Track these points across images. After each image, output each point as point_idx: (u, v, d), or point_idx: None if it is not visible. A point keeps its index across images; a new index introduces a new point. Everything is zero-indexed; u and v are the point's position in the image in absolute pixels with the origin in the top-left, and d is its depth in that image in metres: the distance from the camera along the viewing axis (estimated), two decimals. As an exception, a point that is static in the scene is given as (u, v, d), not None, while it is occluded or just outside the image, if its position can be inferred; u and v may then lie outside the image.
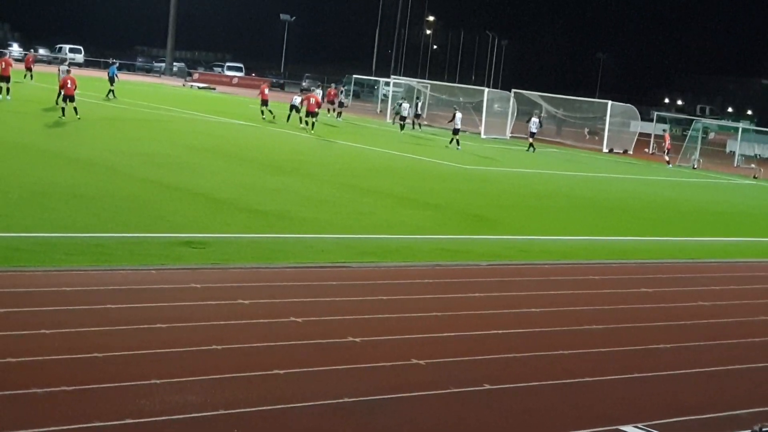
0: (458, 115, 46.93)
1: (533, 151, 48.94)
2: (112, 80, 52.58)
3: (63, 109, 36.26)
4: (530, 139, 51.08)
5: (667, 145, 52.05)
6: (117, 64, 57.07)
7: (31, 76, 56.84)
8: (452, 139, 44.97)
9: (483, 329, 11.96)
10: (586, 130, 62.73)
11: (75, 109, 36.23)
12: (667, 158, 51.40)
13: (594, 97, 73.57)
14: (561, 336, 12.12)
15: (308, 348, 10.37)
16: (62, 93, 37.50)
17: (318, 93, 54.10)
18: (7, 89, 43.80)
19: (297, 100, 48.89)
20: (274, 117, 48.14)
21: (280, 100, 62.98)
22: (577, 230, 22.30)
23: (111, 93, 51.04)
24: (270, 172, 26.64)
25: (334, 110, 58.14)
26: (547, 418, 9.07)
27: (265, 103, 48.92)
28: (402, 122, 52.90)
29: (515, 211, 24.50)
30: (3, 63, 45.38)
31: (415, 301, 13.26)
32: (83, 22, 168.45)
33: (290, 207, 20.40)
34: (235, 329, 10.79)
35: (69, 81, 37.07)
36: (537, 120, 52.83)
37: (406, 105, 55.66)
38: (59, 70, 46.24)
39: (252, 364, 9.56)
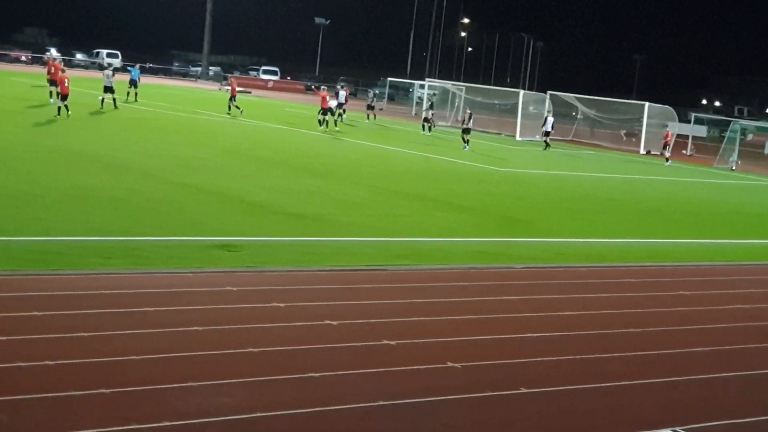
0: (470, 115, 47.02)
1: (546, 150, 49.43)
2: (134, 83, 52.56)
3: (59, 108, 37.44)
4: (545, 138, 51.32)
5: (668, 140, 51.42)
6: (138, 67, 57.22)
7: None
8: (464, 138, 45.55)
9: (518, 332, 11.92)
10: (623, 131, 62.37)
11: (66, 107, 37.46)
12: (667, 154, 50.67)
13: (630, 99, 73.06)
14: (597, 339, 12.06)
15: (343, 351, 10.38)
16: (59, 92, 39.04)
17: (342, 93, 54.76)
18: (58, 94, 44.71)
19: (333, 103, 49.02)
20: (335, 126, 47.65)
21: (315, 103, 63.12)
22: (612, 233, 22.18)
23: (135, 96, 51.15)
24: (304, 175, 26.70)
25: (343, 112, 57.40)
26: (584, 421, 9.03)
27: (325, 112, 47.99)
28: (427, 124, 52.72)
29: (550, 213, 24.40)
30: (53, 68, 46.64)
31: (449, 303, 13.23)
32: (120, 27, 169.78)
33: (324, 210, 20.44)
34: (270, 332, 10.82)
35: (66, 80, 38.40)
36: (552, 119, 52.99)
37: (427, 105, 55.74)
38: (104, 75, 46.80)
39: (287, 367, 9.58)
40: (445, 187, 27.33)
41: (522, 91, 64.05)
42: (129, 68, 55.29)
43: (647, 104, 59.61)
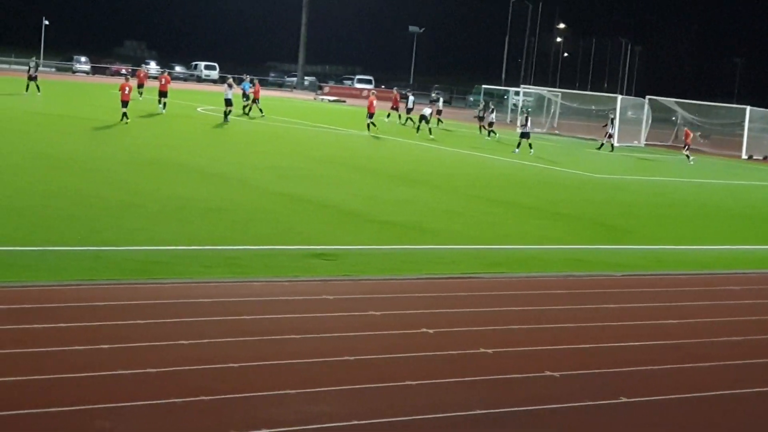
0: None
1: (611, 151, 49.64)
2: (247, 96, 52.77)
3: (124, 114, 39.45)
4: (611, 141, 50.83)
5: (688, 141, 49.88)
6: (249, 80, 57.63)
7: (141, 93, 56.36)
8: (489, 132, 47.83)
9: (618, 341, 11.75)
10: (698, 134, 61.15)
11: (125, 114, 39.30)
12: (686, 153, 48.94)
13: (731, 103, 71.62)
14: (698, 348, 11.82)
15: (440, 359, 10.34)
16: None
17: (411, 99, 55.89)
18: (164, 103, 47.51)
19: (427, 111, 49.10)
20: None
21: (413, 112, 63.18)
22: (713, 239, 21.74)
23: (247, 108, 51.51)
24: (399, 184, 26.74)
25: (399, 116, 57.00)
26: (685, 431, 8.85)
27: (371, 116, 48.24)
28: (489, 128, 52.15)
29: (648, 220, 24.02)
30: (163, 80, 48.53)
31: (547, 312, 13.11)
32: (217, 39, 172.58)
33: (420, 218, 20.43)
34: (366, 340, 10.84)
35: (127, 87, 40.37)
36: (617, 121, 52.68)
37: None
38: (226, 86, 47.68)
39: (384, 375, 9.59)
40: (541, 195, 27.11)
41: (620, 96, 63.25)
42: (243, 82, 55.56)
43: (749, 108, 58.32)
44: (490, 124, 52.34)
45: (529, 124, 45.23)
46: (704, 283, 16.43)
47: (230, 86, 47.24)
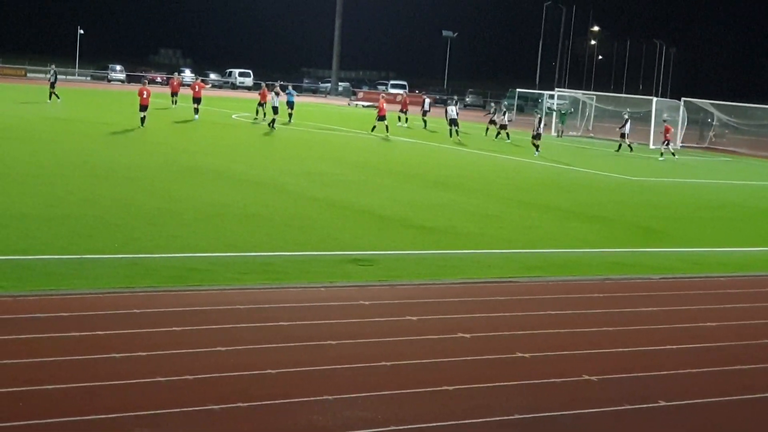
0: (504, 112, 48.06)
1: (618, 151, 49.29)
2: (291, 105, 51.75)
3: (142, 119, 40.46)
4: (627, 140, 50.20)
5: (668, 136, 49.15)
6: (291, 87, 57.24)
7: (175, 101, 56.39)
8: (497, 134, 48.88)
9: (656, 344, 11.66)
10: (712, 133, 60.66)
11: (143, 118, 40.12)
12: (666, 148, 47.68)
13: (768, 104, 70.89)
14: (738, 351, 11.71)
15: (477, 364, 10.32)
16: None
17: (428, 101, 56.65)
18: (195, 109, 47.92)
19: (451, 111, 49.26)
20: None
21: (442, 116, 63.16)
22: (753, 241, 21.54)
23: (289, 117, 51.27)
24: (434, 188, 26.72)
25: (406, 119, 56.95)
26: (726, 436, 8.76)
27: (382, 118, 48.52)
28: (503, 131, 51.77)
29: (687, 222, 23.85)
30: (197, 86, 49.28)
31: (584, 315, 13.04)
32: (252, 46, 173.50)
33: (456, 222, 20.40)
34: (403, 345, 10.83)
35: (144, 92, 41.23)
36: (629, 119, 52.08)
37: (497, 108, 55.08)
38: (273, 94, 47.95)
39: (421, 380, 9.57)
40: (578, 198, 27.00)
41: (655, 99, 62.82)
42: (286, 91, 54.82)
43: (786, 109, 57.76)
44: (503, 126, 51.97)
45: (541, 127, 45.13)
46: (742, 285, 16.28)
47: (277, 94, 47.51)
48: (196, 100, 48.66)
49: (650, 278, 16.13)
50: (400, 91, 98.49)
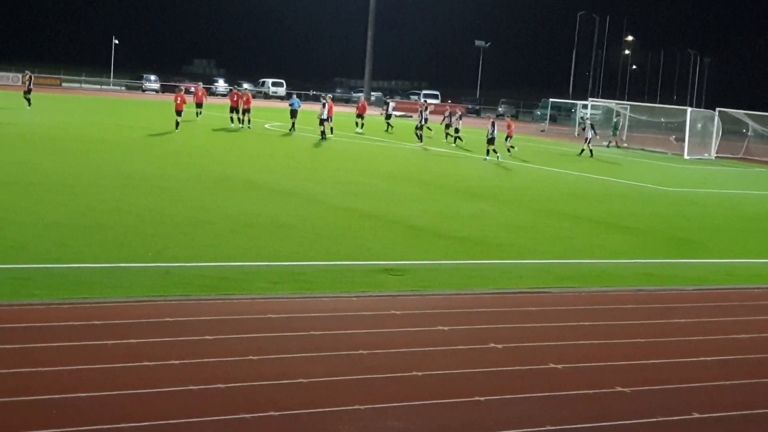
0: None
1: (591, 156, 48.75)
2: (294, 113, 50.72)
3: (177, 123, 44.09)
4: (589, 145, 49.46)
5: (510, 131, 48.41)
6: (295, 96, 56.45)
7: (199, 113, 53.87)
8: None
9: (690, 356, 11.57)
10: (673, 137, 60.09)
11: (178, 123, 43.79)
12: (507, 144, 45.38)
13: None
14: (774, 363, 11.58)
15: (509, 374, 10.27)
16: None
17: (391, 105, 60.58)
18: (239, 119, 49.47)
19: (454, 117, 49.51)
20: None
21: (476, 126, 63.16)
22: (788, 252, 21.32)
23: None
24: (466, 199, 26.68)
25: (362, 125, 55.37)
26: (761, 449, 8.67)
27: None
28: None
29: (721, 233, 23.67)
30: (235, 96, 49.72)
31: (617, 327, 12.96)
32: (285, 56, 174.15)
33: (487, 233, 20.35)
34: (435, 356, 10.80)
35: (179, 98, 44.79)
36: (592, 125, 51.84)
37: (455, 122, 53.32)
38: (321, 105, 48.03)
39: (452, 391, 9.54)
40: (611, 208, 26.86)
41: (689, 109, 62.53)
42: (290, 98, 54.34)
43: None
44: (457, 129, 51.13)
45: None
46: (778, 297, 16.12)
47: (324, 105, 47.61)
48: (239, 110, 49.81)
49: (684, 289, 16.01)
50: (432, 101, 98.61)
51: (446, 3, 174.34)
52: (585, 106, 76.00)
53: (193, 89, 55.48)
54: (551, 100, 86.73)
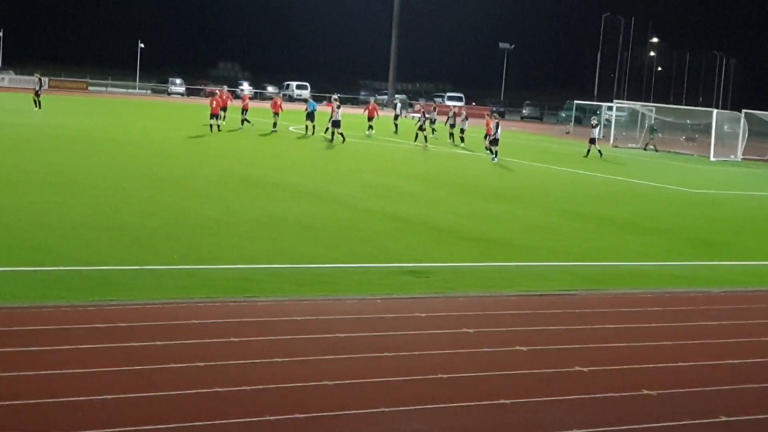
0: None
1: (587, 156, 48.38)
2: (311, 116, 50.01)
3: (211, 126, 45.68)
4: (596, 145, 49.17)
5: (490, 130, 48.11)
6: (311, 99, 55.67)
7: (222, 117, 51.42)
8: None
9: (716, 358, 11.49)
10: (683, 137, 59.81)
11: (219, 126, 45.99)
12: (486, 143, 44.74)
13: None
14: (802, 366, 11.49)
15: (534, 377, 10.23)
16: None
17: (399, 106, 61.00)
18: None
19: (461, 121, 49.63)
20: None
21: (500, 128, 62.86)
22: (816, 254, 21.16)
23: (313, 129, 49.75)
24: (490, 200, 26.63)
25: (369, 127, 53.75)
26: (789, 452, 8.60)
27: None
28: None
29: (748, 235, 23.51)
30: (279, 101, 49.98)
31: (643, 329, 12.89)
32: (309, 59, 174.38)
33: (512, 235, 20.30)
34: (460, 358, 10.78)
35: (214, 102, 47.20)
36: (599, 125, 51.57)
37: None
38: (336, 110, 48.09)
39: (478, 393, 9.51)
40: (636, 209, 26.74)
41: (715, 110, 62.18)
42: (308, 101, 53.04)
43: None
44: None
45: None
46: (806, 299, 15.99)
47: (339, 107, 46.82)
48: (276, 114, 49.92)
49: (710, 291, 15.92)
50: (458, 103, 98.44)
51: (470, 5, 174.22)
52: (610, 108, 75.66)
53: (217, 92, 55.05)
54: (576, 102, 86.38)
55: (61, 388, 8.89)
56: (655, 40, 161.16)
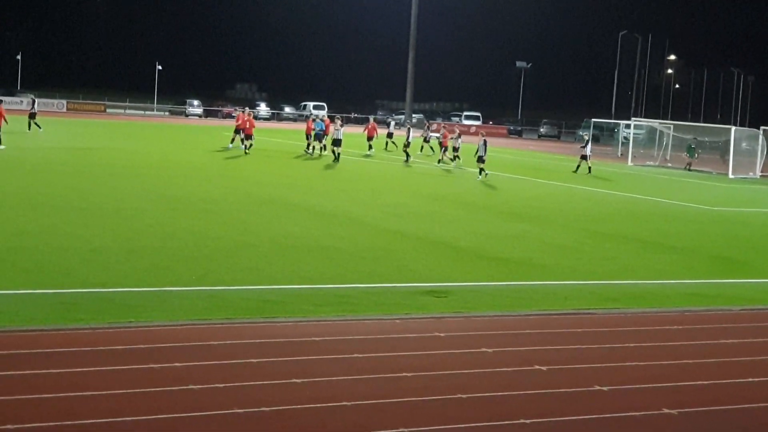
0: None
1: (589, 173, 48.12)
2: (319, 137, 49.66)
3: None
4: (587, 161, 49.07)
5: (446, 142, 48.01)
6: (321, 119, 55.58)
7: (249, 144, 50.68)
8: (454, 157, 47.33)
9: (738, 377, 11.42)
10: (685, 154, 59.80)
11: (247, 145, 46.66)
12: (447, 156, 47.01)
13: None
14: (824, 384, 11.41)
15: (554, 397, 10.19)
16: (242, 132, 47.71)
17: (392, 124, 62.10)
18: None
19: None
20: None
21: (518, 147, 62.97)
22: (837, 271, 21.03)
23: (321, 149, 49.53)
24: (509, 219, 26.59)
25: (369, 147, 53.76)
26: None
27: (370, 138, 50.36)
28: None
29: (766, 252, 23.38)
30: (329, 124, 49.61)
31: (664, 348, 12.82)
32: (326, 79, 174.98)
33: (531, 254, 20.26)
34: (479, 378, 10.75)
35: (240, 119, 48.31)
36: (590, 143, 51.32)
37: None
38: (334, 127, 48.10)
39: (497, 413, 9.48)
40: (655, 228, 26.65)
41: (733, 128, 61.95)
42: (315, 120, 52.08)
43: None
44: (455, 149, 50.22)
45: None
46: (828, 317, 15.89)
47: (342, 125, 47.59)
48: (319, 137, 49.07)
49: (731, 310, 15.84)
50: (476, 123, 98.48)
51: (487, 24, 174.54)
52: (627, 126, 75.55)
53: (239, 111, 54.87)
54: (593, 120, 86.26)
55: (82, 410, 8.91)
56: (672, 57, 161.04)
